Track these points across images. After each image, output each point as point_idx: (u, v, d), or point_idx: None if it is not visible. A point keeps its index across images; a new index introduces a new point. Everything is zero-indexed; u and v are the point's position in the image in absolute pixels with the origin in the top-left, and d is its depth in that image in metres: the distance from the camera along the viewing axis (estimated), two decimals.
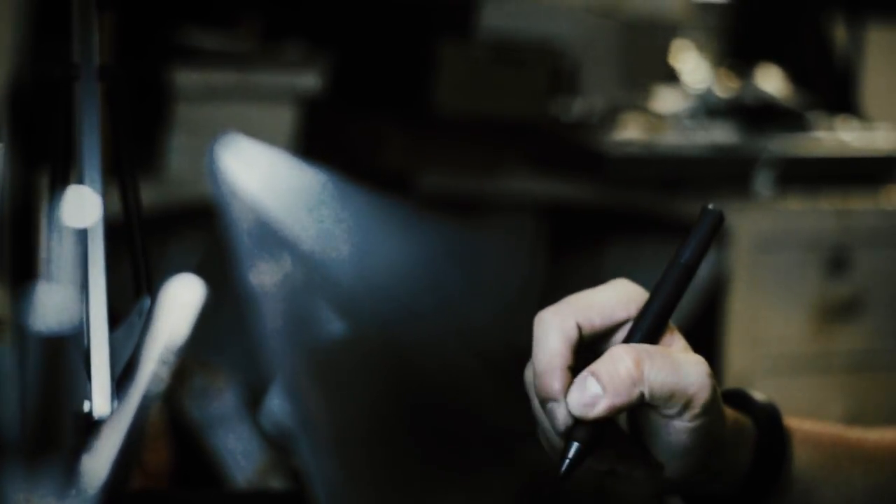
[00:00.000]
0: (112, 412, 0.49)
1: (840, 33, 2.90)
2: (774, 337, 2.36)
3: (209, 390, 2.01)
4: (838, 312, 2.41)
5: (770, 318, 2.35)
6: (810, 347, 2.40)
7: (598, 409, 0.70)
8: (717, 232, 0.75)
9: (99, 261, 0.74)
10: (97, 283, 0.72)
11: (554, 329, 0.73)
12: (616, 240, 2.58)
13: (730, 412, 0.79)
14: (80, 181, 0.82)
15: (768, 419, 0.81)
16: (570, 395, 0.70)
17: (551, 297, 0.76)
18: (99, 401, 0.68)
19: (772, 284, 2.35)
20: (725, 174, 2.42)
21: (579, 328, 0.73)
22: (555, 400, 0.71)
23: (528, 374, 0.74)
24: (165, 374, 0.46)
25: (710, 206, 0.75)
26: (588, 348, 0.74)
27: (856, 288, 2.43)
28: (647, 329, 0.73)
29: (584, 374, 0.71)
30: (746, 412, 0.81)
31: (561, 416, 0.71)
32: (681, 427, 0.72)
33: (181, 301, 0.45)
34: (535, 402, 0.73)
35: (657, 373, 0.70)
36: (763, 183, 2.42)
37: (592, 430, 0.71)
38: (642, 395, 0.70)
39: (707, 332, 2.32)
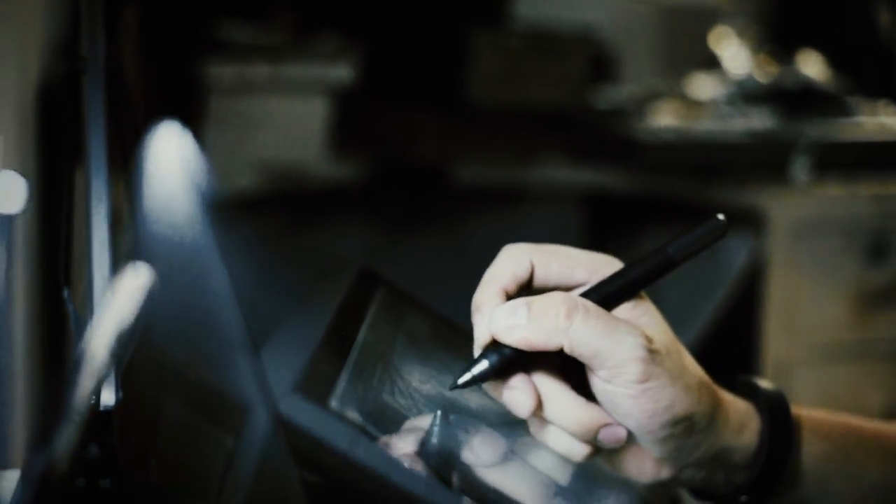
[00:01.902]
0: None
1: (883, 17, 2.87)
2: (813, 324, 2.34)
3: None
4: (877, 299, 2.38)
5: (808, 305, 2.33)
6: (849, 335, 2.37)
7: (514, 337, 0.70)
8: (714, 241, 0.75)
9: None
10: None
11: (508, 258, 0.74)
12: (654, 227, 2.56)
13: (733, 398, 0.77)
14: (88, 172, 0.82)
15: (774, 407, 0.79)
16: (496, 311, 0.71)
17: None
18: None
19: (810, 271, 2.33)
20: (763, 160, 2.40)
21: (533, 266, 0.74)
22: (479, 312, 0.72)
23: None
24: (109, 359, 0.46)
25: (720, 217, 0.74)
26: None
27: (895, 274, 2.40)
28: (604, 291, 0.73)
29: (517, 300, 0.71)
30: (753, 400, 0.79)
31: (479, 331, 0.71)
32: (616, 392, 0.71)
33: (128, 288, 0.45)
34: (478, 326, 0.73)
35: (584, 331, 0.70)
36: (801, 168, 2.40)
37: (507, 359, 0.70)
38: (561, 346, 0.70)
39: (745, 320, 2.30)
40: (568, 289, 0.74)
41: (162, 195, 0.58)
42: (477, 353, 0.72)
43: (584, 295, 0.73)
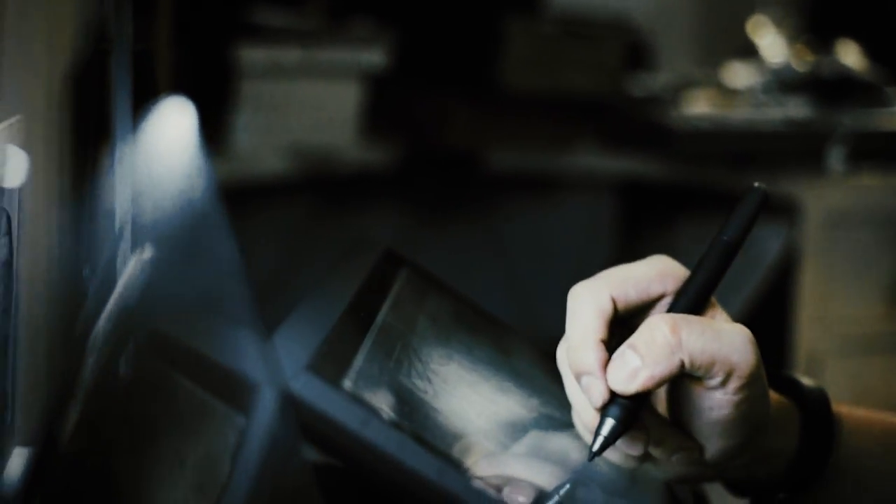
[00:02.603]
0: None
1: None
2: (846, 316, 2.32)
3: None
4: None
5: (842, 296, 2.31)
6: (883, 327, 2.35)
7: (639, 381, 0.68)
8: (761, 211, 0.74)
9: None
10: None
11: (588, 302, 0.71)
12: (687, 216, 2.55)
13: (776, 396, 0.77)
14: (113, 153, 0.82)
15: (816, 404, 0.78)
16: (610, 370, 0.68)
17: None
18: None
19: (844, 262, 2.31)
20: (798, 149, 2.38)
21: (614, 302, 0.71)
22: (589, 373, 0.69)
23: (561, 350, 0.72)
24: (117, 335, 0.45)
25: (756, 185, 0.73)
26: (624, 324, 0.72)
27: None
28: (687, 303, 0.72)
29: (623, 348, 0.69)
30: (794, 397, 0.79)
31: (597, 392, 0.69)
32: (724, 400, 0.70)
33: (136, 264, 0.44)
34: (569, 379, 0.72)
35: (696, 339, 0.68)
36: (836, 158, 2.37)
37: (629, 408, 0.69)
38: (682, 363, 0.68)
39: (777, 311, 2.28)
40: (650, 306, 0.73)
41: (162, 170, 0.57)
42: (586, 415, 0.71)
43: (668, 311, 0.72)
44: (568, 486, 0.70)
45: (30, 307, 0.72)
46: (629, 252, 2.53)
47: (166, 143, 0.55)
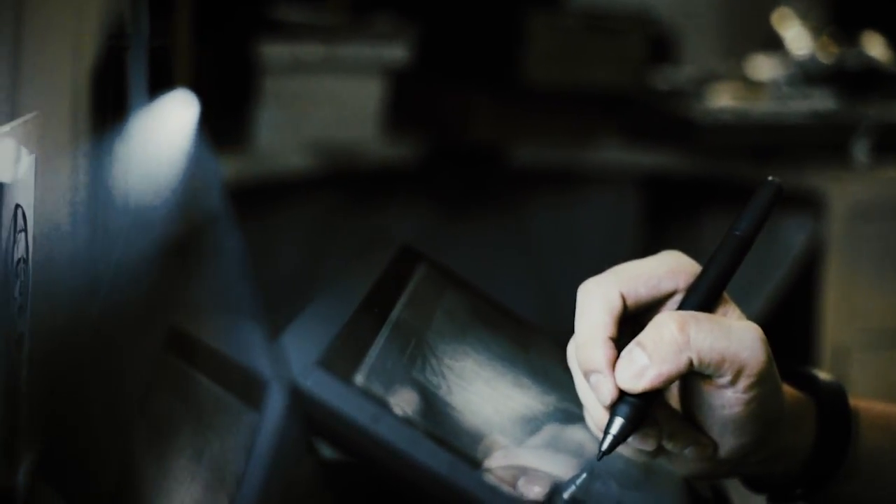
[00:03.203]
0: None
1: None
2: (872, 309, 2.31)
3: None
4: None
5: (867, 289, 2.30)
6: None
7: (646, 379, 0.67)
8: (775, 204, 0.73)
9: None
10: None
11: (597, 299, 0.70)
12: (711, 210, 2.54)
13: (792, 391, 0.76)
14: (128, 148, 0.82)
15: (832, 399, 0.78)
16: (618, 368, 0.68)
17: None
18: None
19: (869, 255, 2.30)
20: (822, 142, 2.37)
21: (623, 298, 0.71)
22: (597, 371, 0.68)
23: (571, 347, 0.72)
24: None
25: (770, 178, 0.73)
26: (635, 321, 0.72)
27: None
28: (698, 300, 0.71)
29: (631, 345, 0.68)
30: (811, 392, 0.78)
31: (605, 389, 0.68)
32: (735, 398, 0.69)
33: None
34: (578, 376, 0.71)
35: (704, 337, 0.67)
36: (861, 151, 2.36)
37: (638, 406, 0.68)
38: (690, 361, 0.67)
39: (803, 304, 2.27)
40: (661, 302, 0.72)
41: (157, 163, 0.57)
42: (596, 413, 0.70)
43: (680, 308, 0.71)
44: (585, 475, 0.69)
45: (45, 304, 0.72)
46: (653, 246, 2.51)
47: (163, 136, 0.55)
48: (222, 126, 2.05)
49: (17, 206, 0.70)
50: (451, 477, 0.60)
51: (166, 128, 0.55)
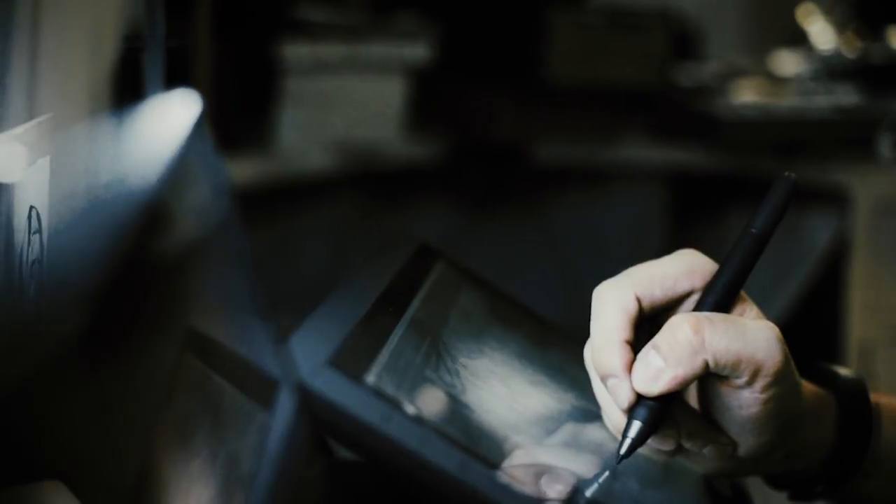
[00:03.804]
0: None
1: None
2: None
3: None
4: None
5: (893, 284, 2.28)
6: None
7: (662, 382, 0.67)
8: (791, 200, 0.72)
9: None
10: None
11: (612, 302, 0.70)
12: (737, 206, 2.53)
13: (811, 387, 0.75)
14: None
15: (853, 395, 0.77)
16: (634, 372, 0.68)
17: None
18: None
19: (895, 250, 2.28)
20: (847, 137, 2.35)
21: (639, 300, 0.70)
22: (614, 376, 0.68)
23: (588, 351, 0.71)
24: None
25: (786, 174, 0.72)
26: (652, 322, 0.71)
27: None
28: (715, 300, 0.70)
29: (646, 348, 0.68)
30: (831, 388, 0.77)
31: (623, 393, 0.68)
32: (752, 398, 0.69)
33: None
34: (595, 380, 0.71)
35: (720, 338, 0.67)
36: (886, 145, 2.35)
37: (656, 408, 0.68)
38: (706, 363, 0.67)
39: (828, 300, 2.26)
40: (677, 302, 0.72)
41: (152, 160, 0.57)
42: (614, 416, 0.70)
43: (697, 308, 0.71)
44: (607, 473, 0.69)
45: (60, 306, 0.72)
46: (679, 243, 2.50)
47: (156, 135, 0.55)
48: (244, 126, 2.05)
49: (32, 207, 0.70)
50: (463, 476, 0.60)
51: (159, 127, 0.55)
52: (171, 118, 0.51)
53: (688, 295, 0.72)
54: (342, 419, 0.58)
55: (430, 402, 0.67)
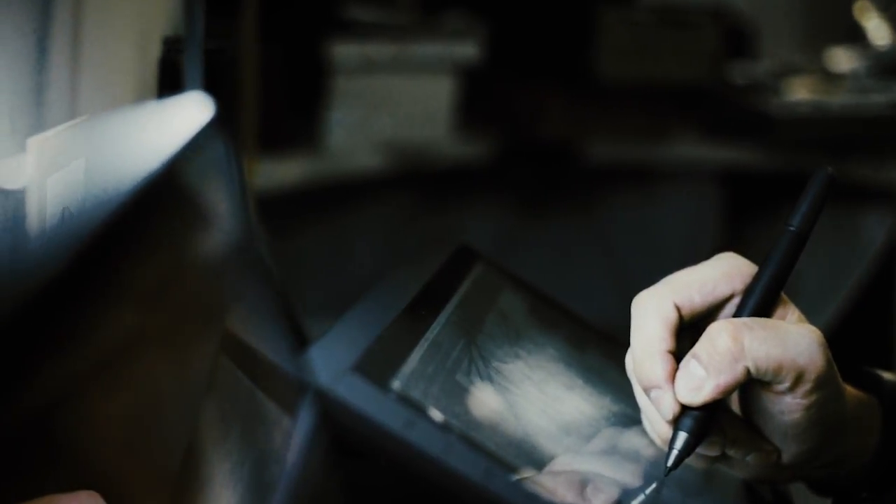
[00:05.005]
0: None
1: None
2: None
3: None
4: None
5: None
6: None
7: (705, 392, 0.66)
8: (829, 196, 0.71)
9: None
10: None
11: (651, 312, 0.69)
12: (790, 204, 2.49)
13: (855, 392, 0.74)
14: None
15: None
16: (677, 382, 0.67)
17: None
18: None
19: None
20: None
21: (678, 308, 0.69)
22: (657, 387, 0.67)
23: (629, 360, 0.70)
24: None
25: (823, 168, 0.71)
26: (695, 328, 0.70)
27: None
28: (755, 303, 0.69)
29: (687, 358, 0.67)
30: (875, 392, 0.76)
31: (667, 404, 0.67)
32: (794, 404, 0.67)
33: None
34: (638, 390, 0.70)
35: (759, 345, 0.66)
36: None
37: (701, 418, 0.67)
38: (747, 370, 0.66)
39: (882, 301, 2.23)
40: (718, 307, 0.71)
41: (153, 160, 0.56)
42: (659, 427, 0.69)
43: (738, 312, 0.69)
44: (655, 484, 0.68)
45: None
46: (732, 242, 2.48)
47: (162, 137, 0.54)
48: (293, 127, 2.05)
49: (65, 209, 0.70)
50: (486, 483, 0.59)
51: (160, 129, 0.55)
52: (177, 121, 0.50)
53: (729, 299, 0.71)
54: (363, 425, 0.57)
55: (476, 405, 0.66)
